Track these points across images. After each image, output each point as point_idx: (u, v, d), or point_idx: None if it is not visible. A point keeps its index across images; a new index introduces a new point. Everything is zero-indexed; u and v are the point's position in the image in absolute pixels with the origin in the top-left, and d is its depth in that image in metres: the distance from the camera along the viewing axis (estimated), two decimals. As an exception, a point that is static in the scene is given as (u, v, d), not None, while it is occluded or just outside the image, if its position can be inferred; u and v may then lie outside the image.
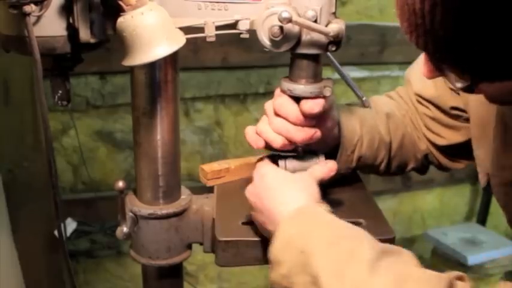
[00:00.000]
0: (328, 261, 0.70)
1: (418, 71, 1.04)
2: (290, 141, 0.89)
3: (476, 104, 0.96)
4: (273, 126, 0.89)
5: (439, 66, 0.72)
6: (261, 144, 0.91)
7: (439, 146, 1.09)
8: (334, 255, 0.71)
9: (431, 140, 1.10)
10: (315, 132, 0.89)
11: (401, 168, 1.12)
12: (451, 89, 1.02)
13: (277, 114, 0.89)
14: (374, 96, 1.15)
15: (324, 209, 0.80)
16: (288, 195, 0.82)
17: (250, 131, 0.93)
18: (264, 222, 0.83)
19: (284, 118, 0.88)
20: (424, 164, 1.14)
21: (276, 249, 0.77)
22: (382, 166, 1.07)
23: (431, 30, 0.63)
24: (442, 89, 1.03)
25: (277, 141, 0.89)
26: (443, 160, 1.12)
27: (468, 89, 0.70)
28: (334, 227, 0.76)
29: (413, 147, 1.11)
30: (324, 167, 0.89)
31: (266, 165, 0.90)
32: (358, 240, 0.73)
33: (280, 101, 0.88)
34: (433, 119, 1.08)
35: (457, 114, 1.04)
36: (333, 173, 0.88)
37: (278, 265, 0.76)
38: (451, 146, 1.08)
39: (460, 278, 0.69)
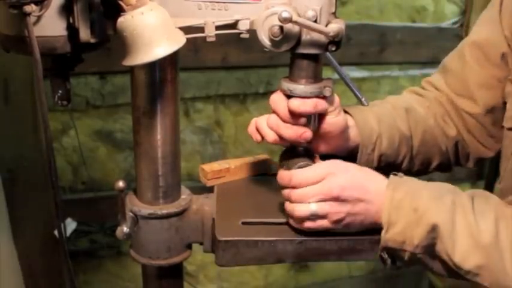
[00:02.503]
0: (440, 212, 0.85)
1: (476, 26, 1.12)
2: (280, 138, 0.91)
3: None
4: (267, 121, 0.92)
5: None
6: (259, 138, 0.95)
7: (473, 115, 1.09)
8: (442, 206, 0.86)
9: (465, 109, 1.10)
10: (303, 132, 0.90)
11: (424, 167, 1.12)
12: (505, 37, 1.04)
13: (273, 111, 0.91)
14: (389, 96, 1.15)
15: (408, 178, 0.91)
16: (376, 174, 0.92)
17: (252, 124, 0.96)
18: (364, 206, 0.88)
19: (276, 114, 0.90)
20: (451, 156, 1.14)
21: (388, 213, 0.87)
22: (405, 164, 1.07)
23: None
24: (496, 33, 1.05)
25: (270, 136, 0.92)
26: (473, 144, 1.12)
27: None
28: (429, 186, 0.90)
29: (437, 141, 1.10)
30: None
31: (338, 161, 0.92)
32: (453, 192, 0.89)
33: (274, 98, 0.90)
34: (473, 80, 1.08)
35: (503, 67, 1.05)
36: None
37: (393, 225, 0.87)
38: (488, 114, 1.08)
39: None
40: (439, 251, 0.86)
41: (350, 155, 1.01)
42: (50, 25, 0.78)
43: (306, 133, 0.90)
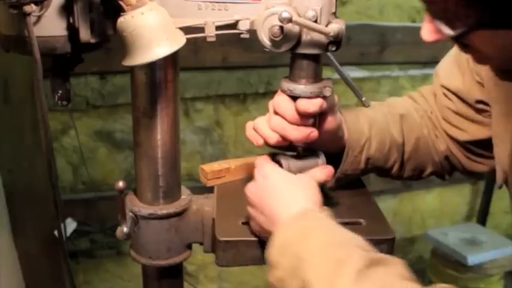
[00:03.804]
0: (319, 268, 0.71)
1: (446, 64, 1.06)
2: (284, 139, 0.90)
3: (499, 98, 0.94)
4: (270, 124, 0.90)
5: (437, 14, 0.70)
6: (261, 141, 0.92)
7: (461, 141, 1.06)
8: (325, 262, 0.71)
9: (452, 135, 1.06)
10: (310, 132, 0.89)
11: (418, 173, 1.09)
12: (478, 83, 1.00)
13: (275, 113, 0.90)
14: (391, 98, 1.14)
15: (324, 215, 0.80)
16: (289, 197, 0.83)
17: (249, 127, 0.94)
18: (264, 222, 0.84)
19: (281, 116, 0.89)
20: (445, 167, 1.11)
21: (273, 251, 0.77)
22: (395, 169, 1.06)
23: None
24: (468, 82, 1.02)
25: (272, 138, 0.90)
26: (464, 160, 1.08)
27: (461, 38, 0.69)
28: (329, 233, 0.76)
29: (430, 150, 1.08)
30: (323, 171, 0.90)
31: (269, 165, 0.90)
32: (350, 248, 0.73)
33: (278, 100, 0.89)
34: (457, 113, 1.05)
35: (482, 109, 1.01)
36: (329, 178, 0.90)
37: (275, 268, 0.77)
38: (473, 143, 1.05)
39: None
40: None
41: (340, 153, 1.00)
42: (50, 25, 0.78)
43: (313, 133, 0.89)
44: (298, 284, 0.72)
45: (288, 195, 0.83)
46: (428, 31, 0.72)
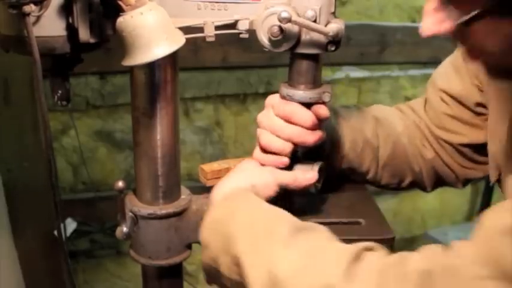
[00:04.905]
0: (247, 241, 0.74)
1: (445, 70, 1.07)
2: (296, 145, 0.89)
3: (495, 95, 0.94)
4: (286, 135, 0.88)
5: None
6: (286, 159, 0.90)
7: (455, 145, 1.06)
8: (252, 235, 0.74)
9: (448, 140, 1.06)
10: (322, 133, 0.90)
11: (397, 181, 1.10)
12: (477, 86, 1.00)
13: (289, 122, 0.88)
14: (375, 105, 1.13)
15: (253, 194, 0.82)
16: (229, 182, 0.86)
17: (258, 157, 0.92)
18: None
19: (298, 124, 0.87)
20: (429, 177, 1.11)
21: (205, 232, 0.81)
22: (371, 174, 1.05)
23: None
24: (468, 85, 1.02)
25: (289, 146, 0.89)
26: (457, 167, 1.08)
27: (466, 25, 0.67)
28: (255, 209, 0.79)
29: (408, 158, 1.08)
30: (292, 176, 0.89)
31: (250, 159, 0.91)
32: (276, 220, 0.76)
33: (291, 108, 0.87)
34: (454, 117, 1.05)
35: (481, 112, 1.02)
36: (308, 183, 0.89)
37: (207, 248, 0.80)
38: (468, 146, 1.05)
39: (369, 249, 0.69)
40: None
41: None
42: (49, 25, 0.78)
43: (324, 134, 0.91)
44: (229, 260, 0.75)
45: (228, 180, 0.87)
46: (431, 22, 0.70)
